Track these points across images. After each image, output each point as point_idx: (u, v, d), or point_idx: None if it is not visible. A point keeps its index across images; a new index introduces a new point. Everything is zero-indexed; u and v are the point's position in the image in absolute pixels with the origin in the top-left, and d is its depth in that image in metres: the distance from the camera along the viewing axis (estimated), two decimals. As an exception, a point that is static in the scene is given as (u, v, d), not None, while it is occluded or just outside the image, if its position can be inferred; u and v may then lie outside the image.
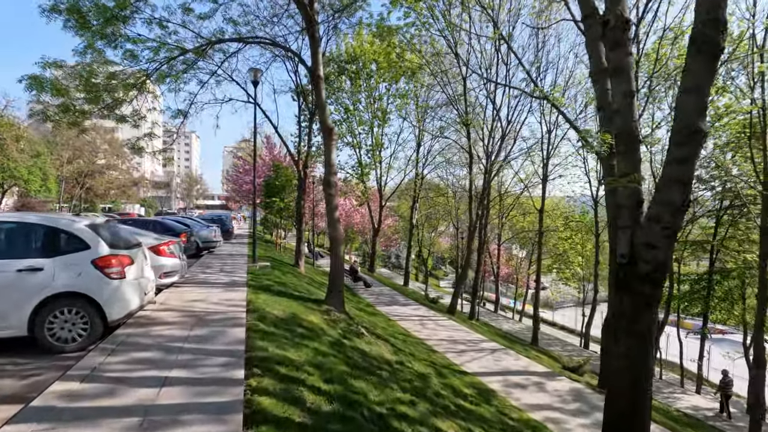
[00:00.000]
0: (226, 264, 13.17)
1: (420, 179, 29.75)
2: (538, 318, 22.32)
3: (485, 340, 12.60)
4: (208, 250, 16.52)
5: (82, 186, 52.81)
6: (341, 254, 9.25)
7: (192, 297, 7.58)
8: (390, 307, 16.28)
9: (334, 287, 9.22)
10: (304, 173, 15.92)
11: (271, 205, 22.02)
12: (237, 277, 10.46)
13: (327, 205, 9.27)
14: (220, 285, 9.09)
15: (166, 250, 8.12)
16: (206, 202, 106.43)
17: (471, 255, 17.84)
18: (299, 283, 12.34)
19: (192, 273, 10.66)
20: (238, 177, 31.69)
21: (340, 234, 9.19)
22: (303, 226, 16.44)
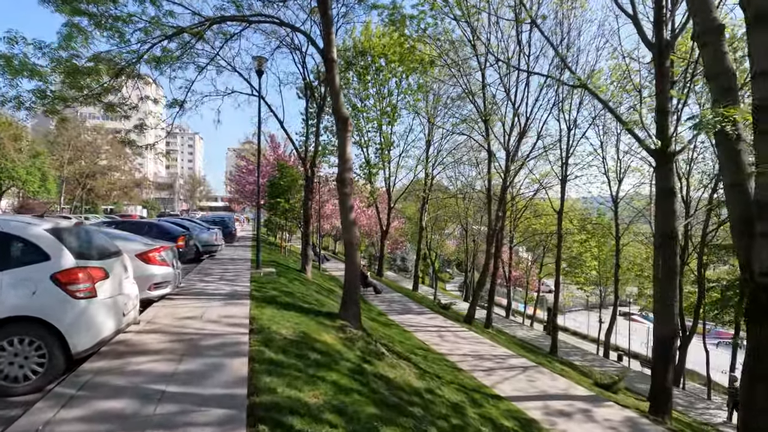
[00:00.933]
0: (227, 270, 12.06)
1: (430, 179, 28.62)
2: (557, 326, 21.10)
3: (513, 356, 11.42)
4: (209, 254, 15.43)
5: (83, 187, 51.98)
6: (357, 261, 8.12)
7: (186, 313, 6.45)
8: (404, 316, 15.12)
9: (350, 299, 8.08)
10: (311, 172, 14.82)
11: (276, 207, 20.93)
12: (239, 286, 9.34)
13: (341, 205, 8.14)
14: (219, 297, 7.97)
15: (157, 258, 7.01)
16: (209, 204, 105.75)
17: (490, 260, 16.65)
18: (307, 291, 11.21)
19: (189, 282, 9.54)
20: (241, 177, 30.64)
21: (356, 238, 8.06)
22: (310, 229, 15.33)
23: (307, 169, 14.72)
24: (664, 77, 8.59)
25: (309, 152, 15.06)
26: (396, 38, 17.56)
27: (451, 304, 23.03)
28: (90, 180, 52.06)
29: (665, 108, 8.55)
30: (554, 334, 20.67)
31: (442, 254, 55.79)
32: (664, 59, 8.60)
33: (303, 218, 15.43)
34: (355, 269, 8.11)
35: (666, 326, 8.56)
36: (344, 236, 8.10)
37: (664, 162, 8.61)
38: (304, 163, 14.89)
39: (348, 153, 8.16)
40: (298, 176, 21.98)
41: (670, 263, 8.54)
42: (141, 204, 69.43)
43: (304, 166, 14.96)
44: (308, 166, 14.76)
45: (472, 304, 16.36)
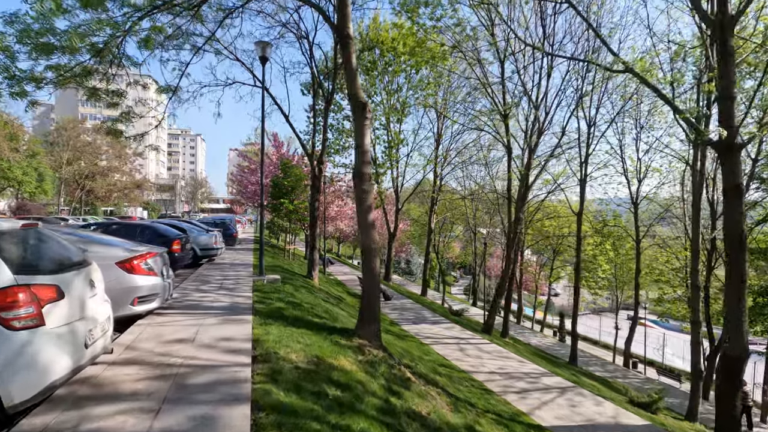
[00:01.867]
0: (227, 277, 10.93)
1: (439, 180, 27.50)
2: (577, 335, 19.90)
3: (545, 373, 10.25)
4: (208, 258, 14.32)
5: (82, 188, 51.03)
6: (377, 269, 6.98)
7: (175, 334, 5.33)
8: (418, 325, 13.98)
9: (368, 314, 6.95)
10: (318, 169, 13.70)
11: (279, 208, 19.82)
12: (240, 296, 8.21)
13: (359, 204, 7.01)
14: (217, 311, 6.84)
15: (143, 266, 5.89)
16: (211, 206, 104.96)
17: (510, 265, 15.48)
18: (316, 301, 10.07)
19: (183, 292, 8.42)
20: (243, 177, 29.54)
21: (376, 242, 6.93)
22: (317, 231, 14.20)
23: (314, 167, 13.60)
24: (728, 57, 7.43)
25: (316, 148, 13.94)
26: (408, 29, 16.52)
27: (463, 310, 21.87)
28: (89, 181, 51.11)
29: (730, 93, 7.40)
30: (574, 343, 19.48)
31: (447, 257, 54.66)
32: (728, 36, 7.45)
33: (309, 220, 14.30)
34: (374, 279, 6.97)
35: (737, 343, 7.37)
36: (362, 240, 6.97)
37: (730, 155, 7.44)
38: (310, 159, 13.78)
39: (367, 144, 7.04)
40: (302, 176, 20.89)
41: (741, 271, 7.36)
42: (142, 206, 68.49)
43: (310, 163, 13.85)
44: (315, 163, 13.64)
45: (491, 314, 15.19)
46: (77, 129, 51.23)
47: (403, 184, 26.69)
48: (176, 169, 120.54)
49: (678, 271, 24.81)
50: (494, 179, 30.34)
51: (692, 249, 13.14)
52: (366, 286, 7.02)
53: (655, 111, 21.31)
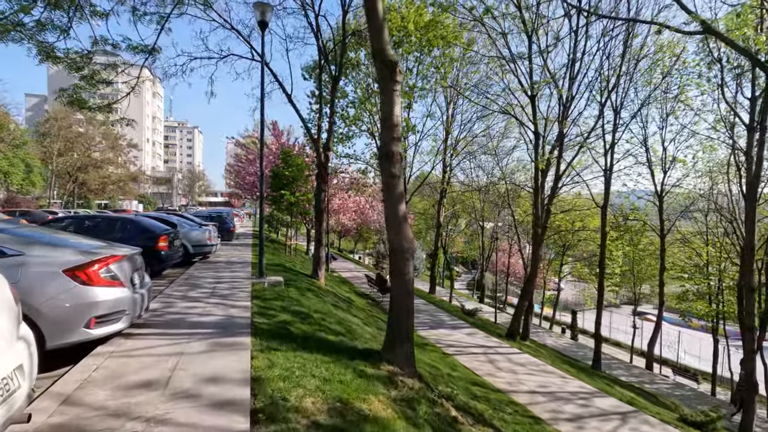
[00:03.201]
0: (222, 279, 9.41)
1: (449, 171, 25.96)
2: (601, 338, 18.46)
3: (597, 393, 8.78)
4: (202, 256, 12.81)
5: (74, 180, 49.30)
6: (410, 275, 5.46)
7: (142, 372, 3.82)
8: (437, 331, 12.53)
9: (399, 332, 5.46)
10: (325, 156, 12.14)
11: (279, 200, 18.29)
12: (236, 306, 6.70)
13: (387, 192, 5.48)
14: (205, 330, 5.33)
15: (102, 275, 4.37)
16: (209, 199, 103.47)
17: (537, 264, 14.00)
18: (326, 308, 8.57)
19: (166, 301, 6.89)
20: (241, 168, 27.92)
21: (410, 240, 5.41)
22: (323, 226, 12.67)
23: (320, 153, 12.04)
24: None
25: (322, 133, 12.37)
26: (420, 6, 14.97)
27: (476, 310, 20.43)
28: (82, 173, 49.35)
29: None
30: (597, 346, 18.06)
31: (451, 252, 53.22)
32: None
33: (315, 213, 12.77)
34: (406, 288, 5.46)
35: None
36: (391, 238, 5.45)
37: None
38: (316, 145, 12.21)
39: (396, 114, 5.50)
40: (304, 165, 19.35)
41: None
42: (137, 199, 66.76)
43: (316, 150, 12.28)
44: (321, 149, 12.07)
45: (516, 318, 13.75)
46: (69, 119, 49.36)
47: (411, 176, 25.10)
48: (173, 162, 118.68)
49: (701, 268, 23.44)
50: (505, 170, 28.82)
51: (745, 246, 11.65)
52: (396, 297, 5.51)
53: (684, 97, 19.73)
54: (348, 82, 22.32)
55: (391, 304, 5.59)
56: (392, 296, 5.57)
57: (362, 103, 23.11)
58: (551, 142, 14.32)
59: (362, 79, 22.09)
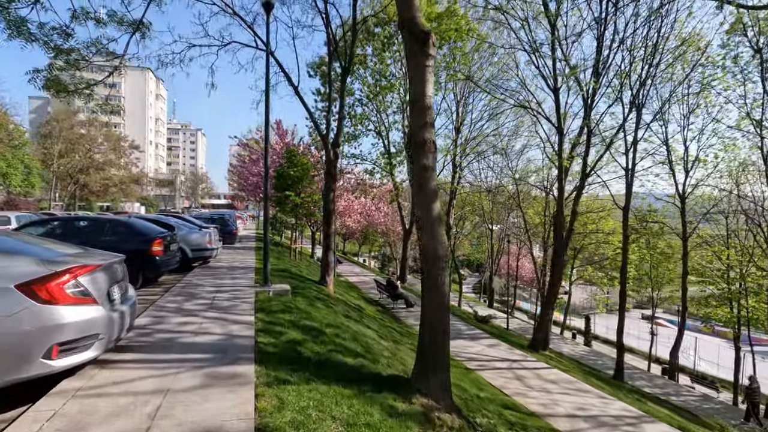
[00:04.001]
0: (222, 288, 8.51)
1: (459, 170, 25.04)
2: (623, 347, 17.43)
3: (644, 418, 7.80)
4: (202, 261, 11.92)
5: (75, 182, 48.62)
6: (446, 288, 4.54)
7: (110, 424, 2.90)
8: (455, 342, 11.56)
9: (434, 358, 4.53)
10: (334, 154, 11.25)
11: (284, 202, 17.42)
12: (237, 322, 5.79)
13: (418, 188, 4.56)
14: (198, 356, 4.41)
15: (68, 290, 3.47)
16: (212, 201, 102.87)
17: (560, 270, 13.04)
18: (339, 320, 7.65)
19: (155, 316, 5.99)
20: (244, 168, 27.07)
21: (446, 246, 4.49)
22: (332, 228, 11.76)
23: (329, 150, 11.14)
24: None
25: (331, 128, 11.48)
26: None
27: (489, 317, 19.47)
28: (83, 175, 48.65)
29: None
30: (620, 356, 17.03)
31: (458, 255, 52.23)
32: None
33: (323, 214, 11.87)
34: (441, 304, 4.54)
35: None
36: (425, 244, 4.53)
37: None
38: (325, 141, 11.31)
39: (429, 94, 4.60)
40: (310, 165, 18.48)
41: None
42: (139, 201, 66.09)
43: (325, 147, 11.39)
44: (330, 146, 11.18)
45: (539, 328, 12.77)
46: (70, 120, 48.75)
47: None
48: (176, 165, 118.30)
49: (723, 271, 22.39)
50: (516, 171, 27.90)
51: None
52: (430, 314, 4.58)
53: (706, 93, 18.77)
54: (354, 80, 21.51)
55: (423, 322, 4.66)
56: (424, 313, 4.64)
57: (370, 100, 22.31)
58: (572, 139, 13.38)
59: (370, 75, 21.28)
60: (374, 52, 20.44)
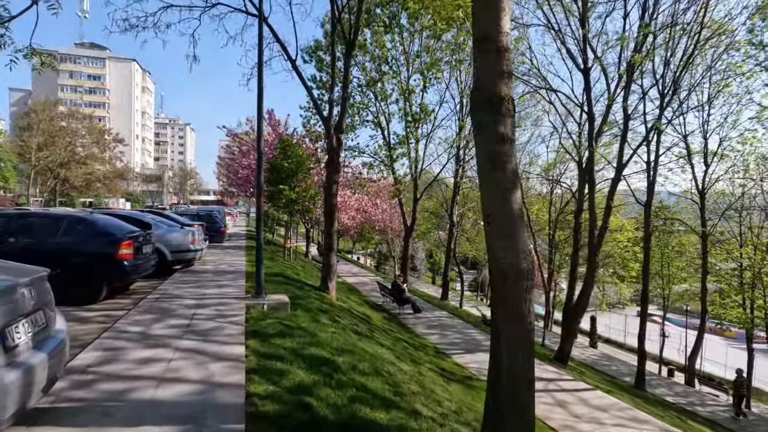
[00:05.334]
0: (205, 299, 6.93)
1: (462, 164, 23.61)
2: (645, 354, 16.18)
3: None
4: (184, 263, 10.30)
5: (56, 177, 46.27)
6: (531, 319, 3.04)
7: None
8: (474, 356, 10.14)
9: (516, 425, 3.03)
10: (337, 140, 9.69)
11: (277, 197, 15.84)
12: (220, 356, 4.24)
13: (490, 167, 3.06)
14: (161, 421, 2.86)
15: None
16: (201, 198, 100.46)
17: (594, 274, 11.67)
18: (351, 341, 6.12)
19: (108, 348, 4.42)
20: (233, 161, 25.31)
21: (528, 256, 3.01)
22: (335, 226, 10.21)
23: (331, 136, 9.58)
24: None
25: (334, 110, 9.90)
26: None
27: (499, 320, 18.08)
28: (63, 169, 46.30)
29: None
30: (641, 363, 15.80)
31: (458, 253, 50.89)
32: None
33: (325, 209, 10.32)
34: (523, 342, 3.05)
35: None
36: (496, 251, 3.03)
37: None
38: (326, 125, 9.75)
39: (505, 31, 3.09)
40: (306, 157, 16.90)
41: None
42: (124, 196, 63.72)
43: (326, 132, 9.83)
44: (332, 130, 9.62)
45: (567, 340, 11.37)
46: (50, 112, 46.35)
47: (422, 170, 22.67)
48: (164, 160, 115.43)
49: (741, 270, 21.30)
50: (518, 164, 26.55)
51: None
52: (508, 358, 3.07)
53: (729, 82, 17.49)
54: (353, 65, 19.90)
55: (498, 369, 3.14)
56: (498, 354, 3.13)
57: (369, 87, 20.71)
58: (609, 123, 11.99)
59: (370, 60, 19.67)
60: (373, 36, 18.86)
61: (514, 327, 3.04)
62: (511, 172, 3.06)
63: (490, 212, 3.12)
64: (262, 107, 6.88)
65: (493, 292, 3.20)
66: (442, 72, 19.15)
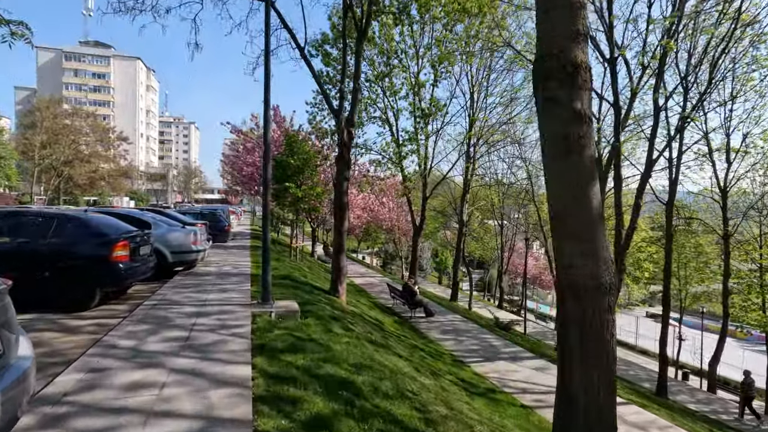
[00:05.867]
0: (206, 306, 6.33)
1: (473, 161, 22.92)
2: (667, 360, 15.45)
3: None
4: (185, 265, 9.71)
5: (59, 175, 45.98)
6: (613, 347, 2.40)
7: None
8: (493, 364, 9.49)
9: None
10: (348, 134, 9.06)
11: (282, 194, 15.27)
12: (222, 380, 3.62)
13: (563, 154, 2.40)
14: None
15: None
16: (205, 196, 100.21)
17: (622, 276, 10.97)
18: (368, 354, 5.48)
19: (92, 371, 3.81)
20: (238, 158, 24.74)
21: (612, 269, 2.37)
22: (345, 225, 9.59)
23: (342, 129, 8.95)
24: None
25: (345, 103, 9.27)
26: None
27: (511, 323, 17.45)
28: (67, 167, 45.99)
29: None
30: (663, 370, 15.05)
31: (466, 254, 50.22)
32: None
33: (335, 208, 9.69)
34: (605, 377, 2.40)
35: None
36: (570, 257, 2.36)
37: None
38: (337, 118, 9.12)
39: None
40: (313, 154, 16.32)
41: None
42: (129, 195, 63.43)
43: (337, 126, 9.20)
44: (343, 124, 8.99)
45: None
46: (53, 110, 46.03)
47: (431, 167, 21.99)
48: (168, 158, 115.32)
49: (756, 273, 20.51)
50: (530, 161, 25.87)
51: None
52: (586, 397, 2.43)
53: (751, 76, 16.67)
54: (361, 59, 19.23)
55: (569, 417, 2.49)
56: (571, 392, 2.49)
57: (376, 83, 20.05)
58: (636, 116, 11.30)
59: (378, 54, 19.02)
60: (381, 30, 18.21)
61: (592, 358, 2.40)
62: (590, 159, 2.41)
63: (560, 209, 2.48)
64: (269, 95, 6.26)
65: (563, 311, 2.56)
66: (454, 66, 18.41)
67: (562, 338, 2.59)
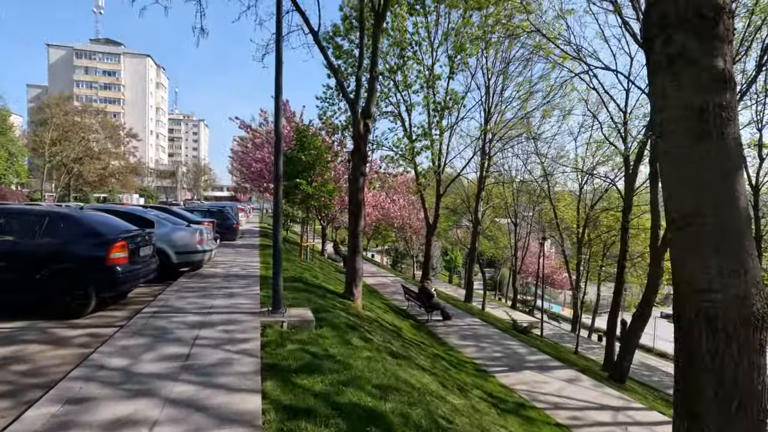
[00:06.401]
0: (211, 315, 5.72)
1: (488, 158, 22.14)
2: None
3: None
4: (190, 266, 9.14)
5: (69, 172, 45.97)
6: (763, 397, 1.71)
7: None
8: (520, 374, 8.79)
9: None
10: (364, 126, 8.40)
11: (292, 191, 14.70)
12: (225, 419, 2.99)
13: (695, 137, 1.70)
14: None
15: None
16: (215, 194, 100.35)
17: (660, 276, 10.19)
18: (391, 370, 4.82)
19: (67, 403, 3.20)
20: (246, 154, 24.23)
21: (766, 293, 1.69)
22: (361, 224, 8.94)
23: (358, 121, 8.30)
24: None
25: (361, 93, 8.60)
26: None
27: (531, 326, 16.71)
28: (77, 164, 45.94)
29: None
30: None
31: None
32: None
33: (350, 205, 9.03)
34: None
35: None
36: (706, 289, 1.67)
37: None
38: (353, 109, 8.45)
39: None
40: (324, 149, 15.71)
41: None
42: (138, 192, 63.46)
43: (353, 117, 8.54)
44: (360, 115, 8.32)
45: (626, 356, 9.90)
46: (63, 107, 45.98)
47: (446, 164, 21.23)
48: (178, 155, 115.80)
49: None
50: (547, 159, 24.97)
51: None
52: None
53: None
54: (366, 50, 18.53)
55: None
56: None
57: (389, 76, 19.34)
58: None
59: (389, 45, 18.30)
60: (393, 21, 17.48)
61: (735, 424, 1.71)
62: (734, 140, 1.72)
63: (689, 211, 1.78)
64: (281, 79, 5.62)
65: (687, 350, 1.87)
66: (473, 55, 17.64)
67: (683, 386, 1.90)
